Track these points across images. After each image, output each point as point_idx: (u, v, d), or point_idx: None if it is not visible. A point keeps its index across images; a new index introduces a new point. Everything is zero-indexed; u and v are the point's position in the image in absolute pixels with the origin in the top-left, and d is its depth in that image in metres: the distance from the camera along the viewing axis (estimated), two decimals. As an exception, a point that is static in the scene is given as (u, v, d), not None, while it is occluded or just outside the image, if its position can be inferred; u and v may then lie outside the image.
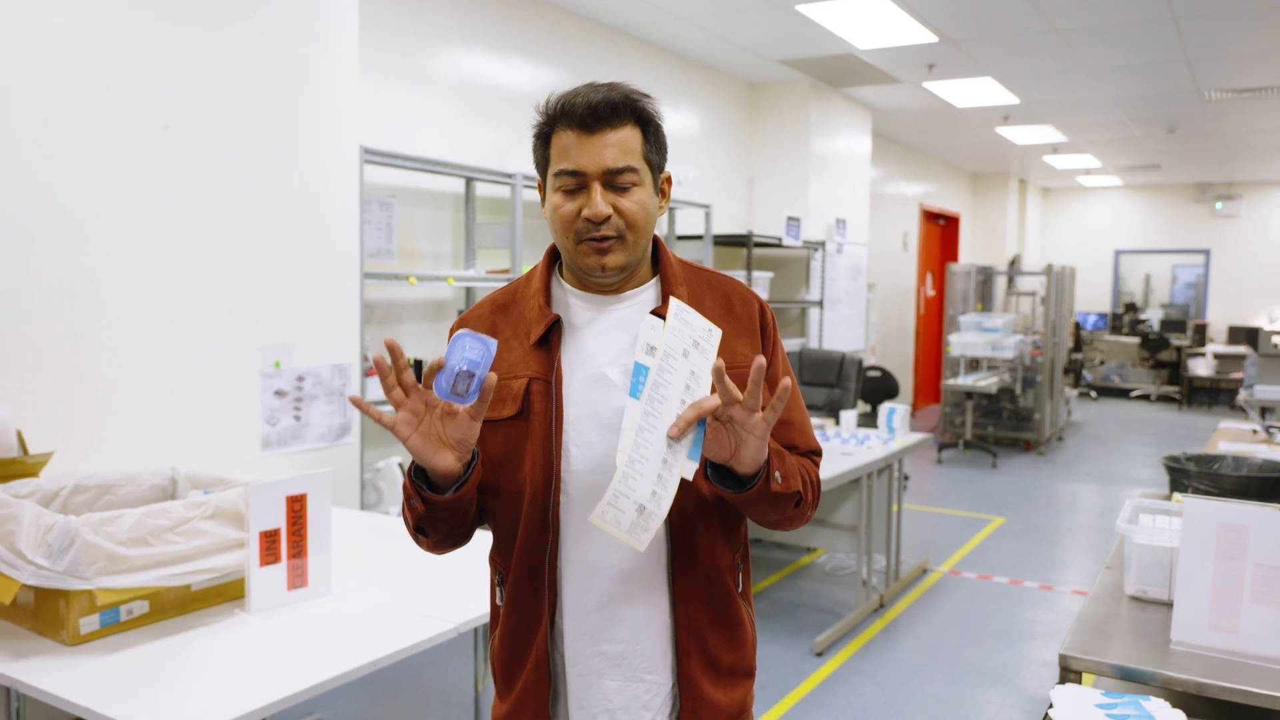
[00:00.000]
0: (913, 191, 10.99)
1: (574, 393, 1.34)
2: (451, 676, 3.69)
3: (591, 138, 1.28)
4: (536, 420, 1.33)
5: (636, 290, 1.39)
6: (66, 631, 1.95)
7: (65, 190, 2.61)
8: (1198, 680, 1.84)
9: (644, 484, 1.16)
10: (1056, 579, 5.21)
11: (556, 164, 1.31)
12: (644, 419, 1.17)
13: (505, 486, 1.36)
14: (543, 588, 1.35)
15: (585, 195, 1.29)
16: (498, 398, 1.34)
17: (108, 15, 2.67)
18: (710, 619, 1.37)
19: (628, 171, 1.29)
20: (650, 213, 1.33)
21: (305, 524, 2.22)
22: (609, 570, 1.33)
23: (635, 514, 1.16)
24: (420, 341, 4.60)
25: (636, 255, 1.34)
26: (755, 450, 1.21)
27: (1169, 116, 8.57)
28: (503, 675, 1.42)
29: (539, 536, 1.34)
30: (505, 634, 1.40)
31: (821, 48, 6.26)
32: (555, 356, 1.34)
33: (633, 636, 1.35)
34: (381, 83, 4.32)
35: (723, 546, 1.38)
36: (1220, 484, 3.06)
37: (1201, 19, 5.50)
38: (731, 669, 1.40)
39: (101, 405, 2.70)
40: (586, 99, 1.28)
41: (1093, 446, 9.43)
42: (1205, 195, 13.63)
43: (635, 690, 1.35)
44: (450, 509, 1.27)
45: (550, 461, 1.32)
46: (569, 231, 1.31)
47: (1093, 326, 13.98)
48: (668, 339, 1.19)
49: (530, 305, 1.39)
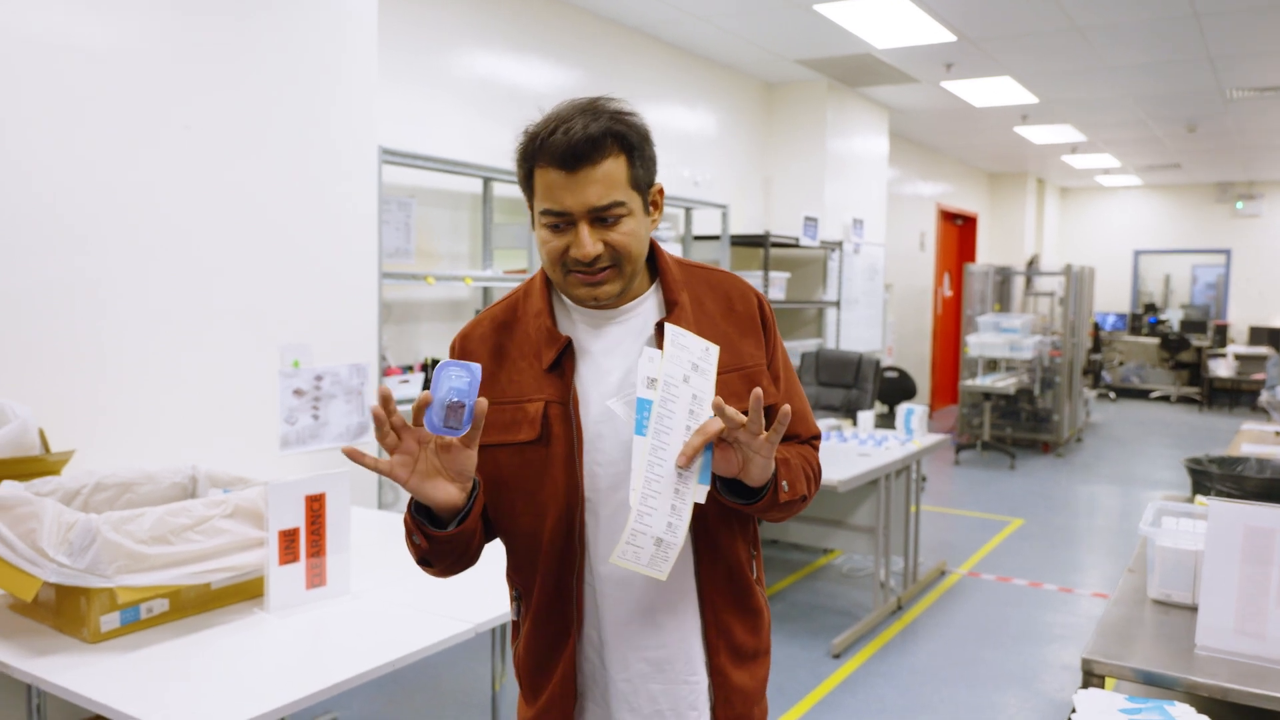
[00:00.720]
0: (930, 191, 10.94)
1: (591, 412, 1.33)
2: (469, 676, 3.69)
3: (574, 176, 1.25)
4: (557, 444, 1.32)
5: (638, 300, 1.38)
6: (87, 629, 1.96)
7: (85, 190, 2.62)
8: (1223, 685, 1.82)
9: (659, 518, 1.19)
10: (1076, 581, 5.17)
11: (541, 202, 1.29)
12: (652, 454, 1.19)
13: (523, 509, 1.36)
14: (570, 604, 1.36)
15: (572, 232, 1.27)
16: (512, 421, 1.34)
17: (132, 18, 2.68)
18: (734, 612, 1.41)
19: (614, 206, 1.27)
20: (641, 238, 1.32)
21: (324, 523, 2.22)
22: (641, 581, 1.35)
23: (654, 547, 1.20)
24: (437, 341, 4.61)
25: (631, 281, 1.34)
26: (762, 467, 1.24)
27: (1190, 115, 8.49)
28: (529, 683, 1.44)
29: (565, 556, 1.35)
30: (530, 647, 1.42)
31: (839, 47, 6.23)
32: (570, 379, 1.34)
33: (672, 641, 1.37)
34: (399, 82, 4.33)
35: (740, 542, 1.41)
36: (1243, 486, 3.02)
37: (1224, 16, 5.45)
38: (754, 652, 1.45)
39: (122, 404, 2.72)
40: (566, 138, 1.23)
41: (1112, 448, 9.36)
42: (1226, 195, 13.50)
43: (681, 692, 1.38)
44: (454, 542, 1.28)
45: (575, 483, 1.32)
46: (557, 264, 1.30)
47: (1112, 327, 13.87)
48: (667, 368, 1.19)
49: (535, 325, 1.37)
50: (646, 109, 5.53)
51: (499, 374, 1.37)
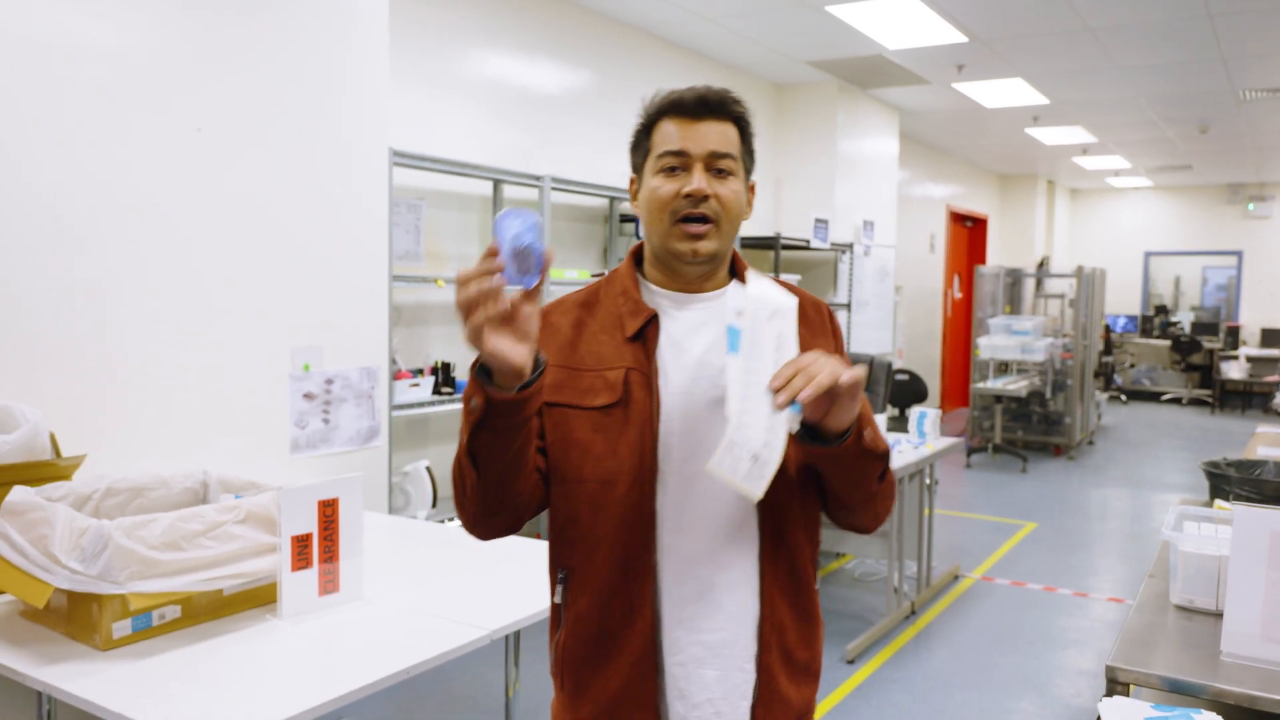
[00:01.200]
0: (940, 193, 10.90)
1: (670, 384, 1.36)
2: (480, 682, 3.67)
3: (697, 124, 1.35)
4: (636, 409, 1.34)
5: (719, 291, 1.43)
6: (99, 636, 1.95)
7: (94, 193, 2.61)
8: (1250, 693, 1.79)
9: (756, 432, 1.21)
10: (1090, 586, 5.13)
11: (660, 147, 1.36)
12: (745, 374, 1.22)
13: (590, 474, 1.34)
14: (639, 578, 1.34)
15: (685, 176, 1.34)
16: (590, 387, 1.36)
17: (143, 19, 2.67)
18: (791, 611, 1.39)
19: (728, 158, 1.35)
20: (743, 205, 1.38)
21: (337, 529, 2.21)
22: (706, 559, 1.34)
23: (750, 463, 1.21)
24: (447, 344, 4.60)
25: (725, 246, 1.38)
26: (847, 410, 1.23)
27: (1202, 116, 8.44)
28: (574, 674, 1.39)
29: (635, 526, 1.33)
30: (584, 630, 1.37)
31: (850, 49, 6.21)
32: (652, 348, 1.37)
33: (731, 625, 1.35)
34: (409, 84, 4.32)
35: (805, 538, 1.40)
36: (1262, 490, 2.99)
37: (1238, 16, 5.41)
38: (805, 667, 1.42)
39: (132, 407, 2.71)
40: (696, 92, 1.37)
41: (1124, 451, 9.31)
42: (1237, 196, 13.43)
43: (735, 680, 1.36)
44: (511, 417, 1.22)
45: (651, 450, 1.33)
46: (665, 211, 1.35)
47: (1122, 329, 13.81)
48: (752, 306, 1.24)
49: (619, 301, 1.41)
50: (658, 111, 5.38)
51: (579, 344, 1.39)
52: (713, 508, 1.34)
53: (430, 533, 2.98)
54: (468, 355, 4.71)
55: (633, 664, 1.34)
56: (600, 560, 1.35)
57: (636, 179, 1.43)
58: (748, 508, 1.35)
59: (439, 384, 4.14)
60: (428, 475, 3.96)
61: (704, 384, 1.35)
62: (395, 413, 3.80)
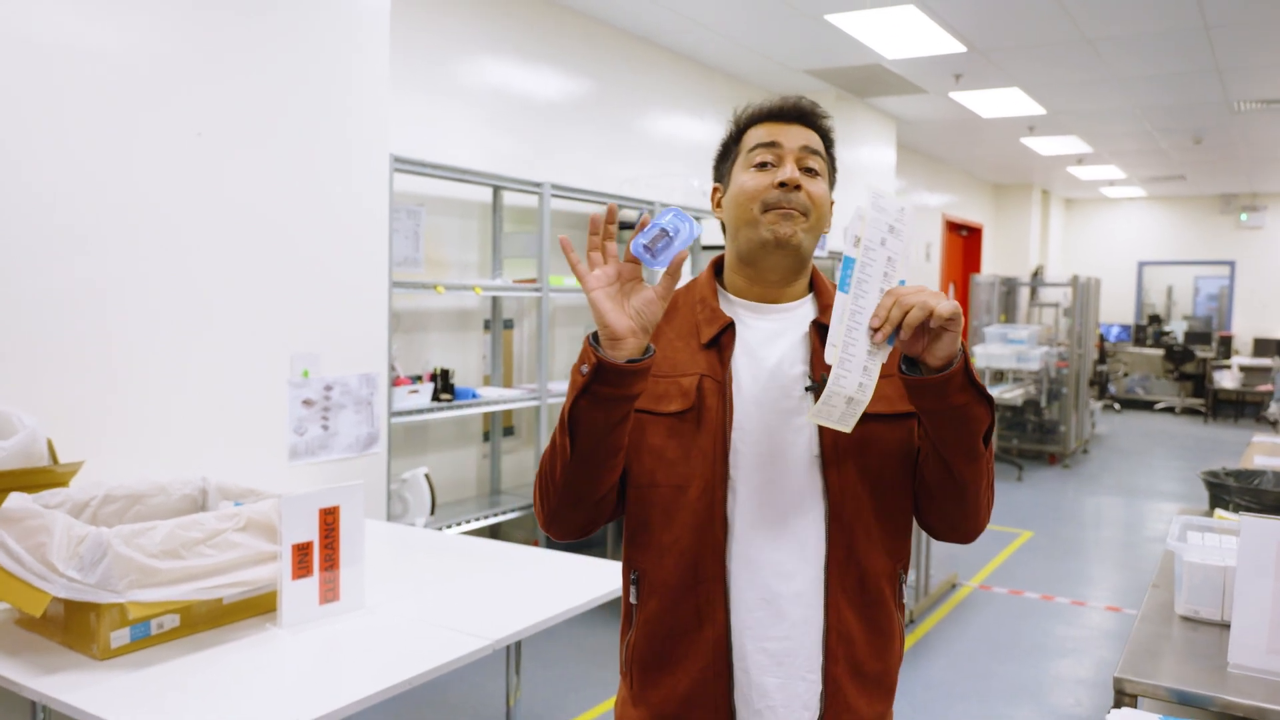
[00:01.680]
0: (935, 202, 10.92)
1: (743, 392, 1.37)
2: (479, 692, 3.65)
3: (790, 126, 1.40)
4: (709, 416, 1.35)
5: (797, 302, 1.44)
6: (97, 645, 1.92)
7: (93, 197, 2.59)
8: (1259, 705, 1.78)
9: (852, 378, 1.23)
10: (1087, 595, 5.13)
11: (752, 143, 1.40)
12: (851, 317, 1.22)
13: (663, 479, 1.36)
14: (709, 583, 1.34)
15: (777, 170, 1.37)
16: (664, 393, 1.37)
17: (144, 24, 2.66)
18: (861, 623, 1.37)
19: (818, 157, 1.39)
20: (829, 208, 1.41)
21: (338, 537, 2.19)
22: (773, 566, 1.35)
23: (844, 405, 1.24)
24: (446, 351, 4.58)
25: (811, 245, 1.39)
26: (947, 344, 1.21)
27: (1196, 127, 8.48)
28: (643, 673, 1.40)
29: (706, 532, 1.34)
30: (654, 631, 1.38)
31: (848, 58, 6.22)
32: (727, 356, 1.38)
33: (795, 634, 1.35)
34: (409, 90, 4.31)
35: (880, 551, 1.38)
36: (1262, 499, 2.99)
37: (1234, 28, 5.43)
38: (877, 679, 1.40)
39: (130, 414, 2.68)
40: (787, 100, 1.41)
41: (1118, 460, 9.32)
42: (1230, 206, 13.49)
43: (797, 689, 1.35)
44: (616, 386, 1.22)
45: (723, 456, 1.34)
46: (755, 201, 1.37)
47: (1116, 338, 13.85)
48: (868, 230, 1.23)
49: (697, 309, 1.43)
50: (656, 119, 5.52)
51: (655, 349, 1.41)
52: (779, 516, 1.35)
53: (429, 540, 2.96)
54: (466, 364, 4.69)
55: (703, 667, 1.35)
56: (670, 564, 1.36)
57: (720, 187, 1.47)
58: (815, 518, 1.35)
59: (438, 391, 4.12)
60: (426, 482, 3.94)
61: (776, 393, 1.36)
62: (394, 419, 3.78)
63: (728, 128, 1.47)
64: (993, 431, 1.32)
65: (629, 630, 1.43)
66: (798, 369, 1.37)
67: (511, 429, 5.01)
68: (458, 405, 4.13)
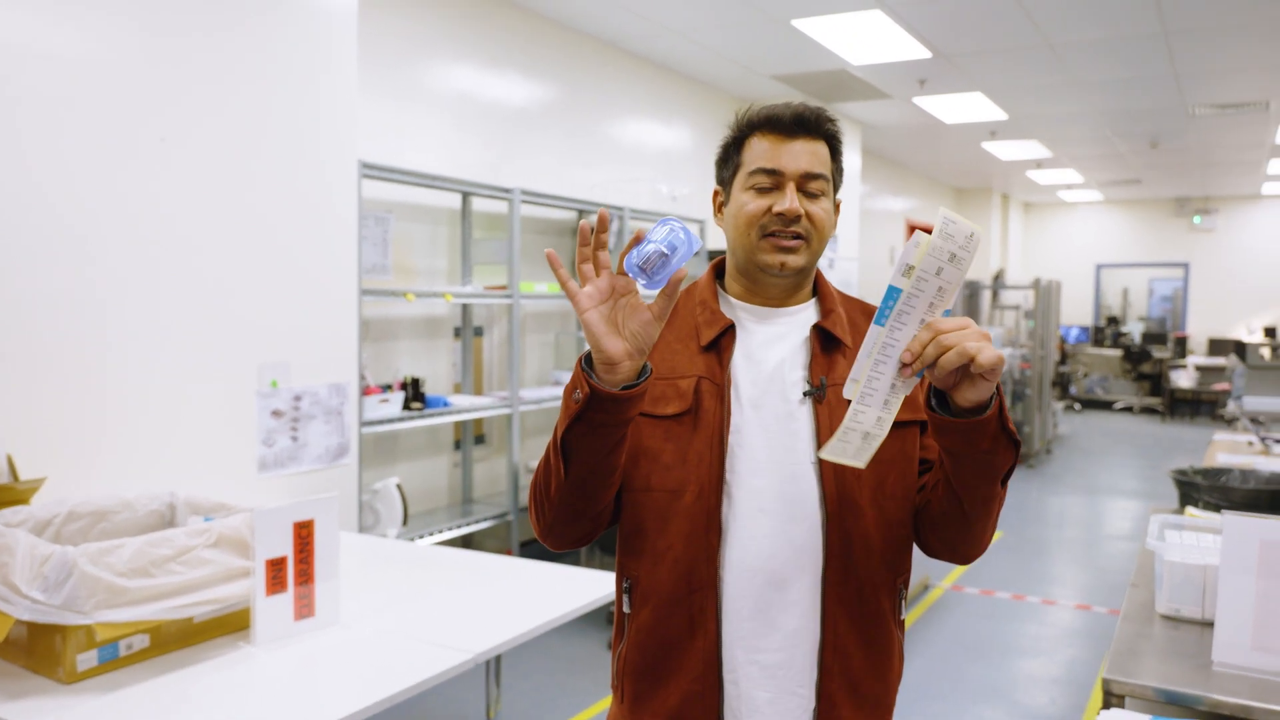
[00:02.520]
0: (899, 206, 11.02)
1: (742, 396, 1.34)
2: (457, 703, 3.59)
3: (791, 142, 1.34)
4: (706, 419, 1.32)
5: (799, 306, 1.41)
6: (63, 669, 1.86)
7: (55, 205, 2.51)
8: (1245, 703, 1.78)
9: (871, 412, 1.17)
10: (1057, 594, 5.17)
11: (752, 164, 1.35)
12: (882, 350, 1.15)
13: (657, 483, 1.32)
14: (702, 590, 1.31)
15: (777, 195, 1.33)
16: (662, 395, 1.34)
17: (106, 29, 2.58)
18: (858, 639, 1.33)
19: (820, 179, 1.34)
20: (831, 225, 1.38)
21: (313, 551, 2.13)
22: (767, 575, 1.31)
23: (860, 440, 1.18)
24: (416, 359, 4.52)
25: (813, 263, 1.37)
26: (980, 388, 1.14)
27: (1153, 131, 8.63)
28: (634, 685, 1.36)
29: (700, 538, 1.31)
30: (646, 641, 1.34)
31: (815, 63, 6.24)
32: (726, 359, 1.35)
33: (788, 646, 1.31)
34: (376, 97, 4.25)
35: (879, 563, 1.34)
36: (1230, 497, 3.02)
37: (1191, 34, 5.53)
38: (876, 700, 1.36)
39: (94, 427, 2.60)
40: (791, 109, 1.35)
41: (1080, 459, 9.44)
42: (1184, 209, 13.76)
43: (788, 704, 1.31)
44: (611, 413, 1.18)
45: (719, 460, 1.31)
46: (754, 226, 1.34)
47: (1075, 339, 14.05)
48: (927, 259, 1.13)
49: (697, 311, 1.40)
50: (624, 125, 5.49)
51: (653, 351, 1.37)
52: (775, 524, 1.31)
53: (402, 551, 2.91)
54: (437, 372, 4.63)
55: (694, 679, 1.31)
56: (663, 571, 1.32)
57: (722, 191, 1.42)
58: (814, 527, 1.31)
59: (408, 399, 4.06)
60: (398, 493, 3.87)
61: (774, 397, 1.33)
62: (364, 429, 3.71)
63: (729, 130, 1.41)
64: (1013, 472, 1.25)
65: (620, 641, 1.39)
66: (797, 373, 1.34)
67: (483, 437, 4.95)
68: (429, 414, 4.07)
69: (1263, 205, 13.33)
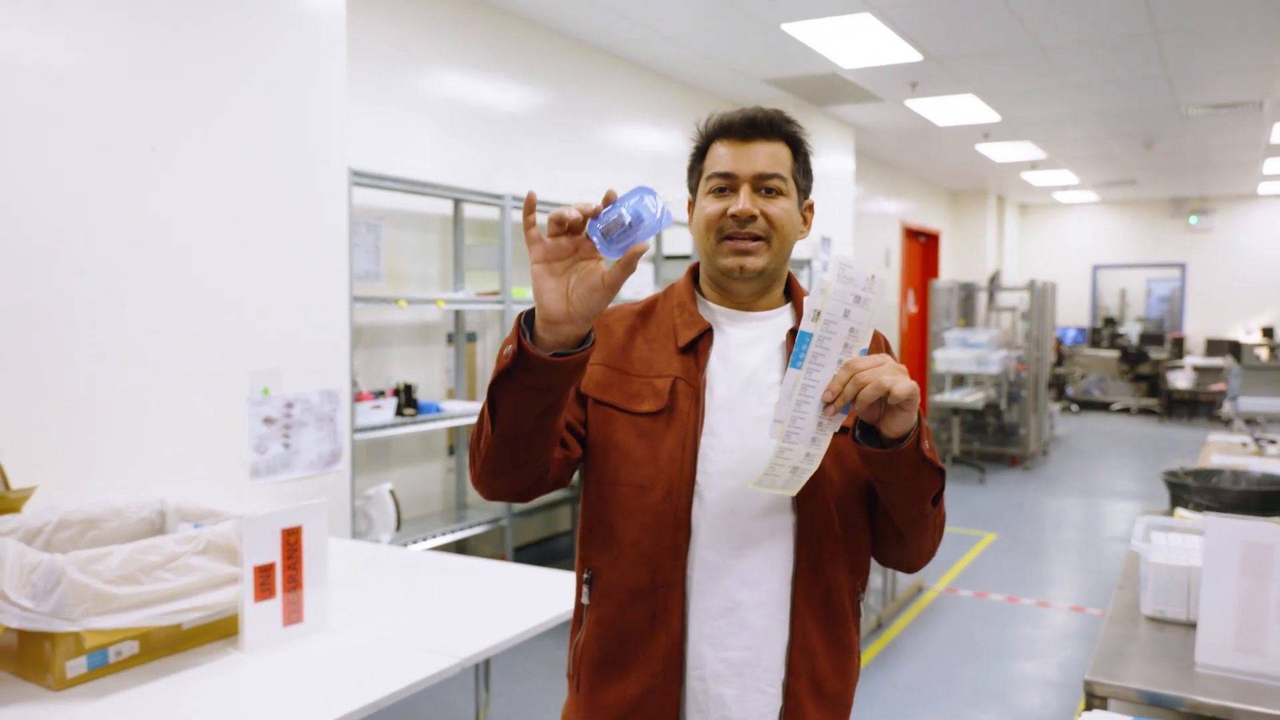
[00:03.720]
0: (894, 209, 11.03)
1: (716, 398, 1.36)
2: (448, 707, 3.60)
3: (746, 146, 1.37)
4: (679, 419, 1.34)
5: (774, 311, 1.44)
6: (52, 676, 1.87)
7: (44, 212, 2.53)
8: (1227, 704, 1.80)
9: (799, 449, 1.22)
10: (1052, 596, 5.18)
11: (710, 169, 1.39)
12: (803, 391, 1.20)
13: (625, 479, 1.34)
14: (666, 588, 1.33)
15: (733, 197, 1.36)
16: (637, 392, 1.36)
17: (94, 37, 2.60)
18: (824, 639, 1.36)
19: (775, 178, 1.36)
20: (794, 223, 1.39)
21: (301, 557, 2.14)
22: (737, 575, 1.33)
23: (789, 474, 1.24)
24: (408, 365, 4.53)
25: (776, 263, 1.38)
26: (901, 420, 1.21)
27: (1147, 132, 8.65)
28: (590, 677, 1.37)
29: (669, 535, 1.32)
30: (605, 634, 1.36)
31: (806, 67, 6.26)
32: (703, 361, 1.38)
33: (755, 645, 1.33)
34: (367, 103, 4.27)
35: (844, 567, 1.37)
36: (1221, 498, 3.03)
37: (1182, 34, 5.54)
38: (836, 698, 1.39)
39: (84, 436, 2.61)
40: (745, 115, 1.38)
41: (1077, 461, 9.45)
42: (1180, 210, 13.78)
43: (755, 702, 1.33)
44: (540, 376, 1.16)
45: (691, 460, 1.33)
46: (712, 229, 1.37)
47: (1072, 341, 14.07)
48: (830, 304, 1.19)
49: (675, 313, 1.42)
50: (616, 129, 5.49)
51: (631, 349, 1.40)
52: (747, 525, 1.33)
53: (395, 557, 2.92)
54: (429, 378, 4.65)
55: (654, 674, 1.33)
56: (625, 565, 1.34)
57: (693, 201, 1.45)
58: (783, 529, 1.34)
59: (401, 406, 4.07)
60: (391, 499, 3.88)
61: (750, 400, 1.35)
62: (357, 435, 3.72)
63: (693, 140, 1.45)
64: (942, 494, 1.33)
65: (578, 631, 1.41)
66: (773, 377, 1.37)
67: (476, 442, 4.96)
68: (421, 420, 4.08)
69: (1259, 205, 13.35)
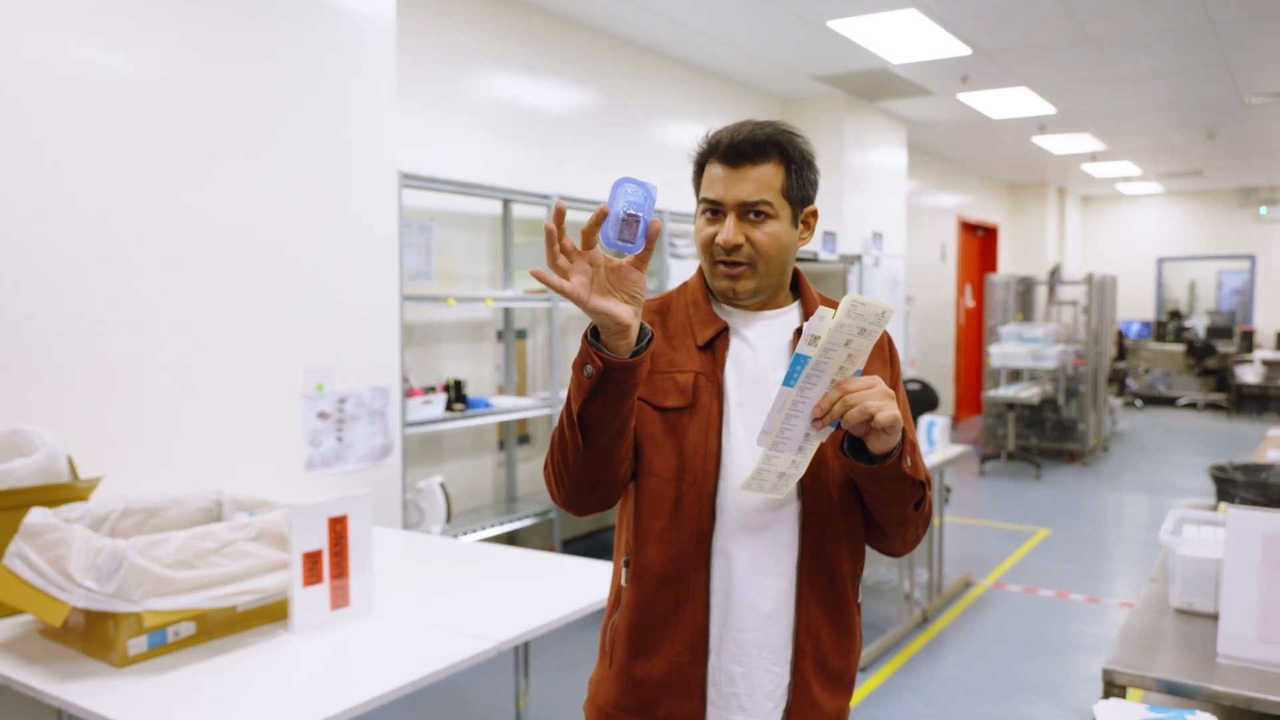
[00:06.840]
0: (949, 203, 10.91)
1: (733, 392, 1.43)
2: (496, 694, 3.71)
3: (734, 171, 1.39)
4: (702, 411, 1.42)
5: (781, 310, 1.50)
6: (115, 653, 2.00)
7: (110, 217, 2.68)
8: (1246, 695, 1.81)
9: (785, 457, 1.30)
10: (1103, 591, 5.12)
11: (703, 192, 1.44)
12: (793, 407, 1.27)
13: (657, 469, 1.42)
14: (691, 571, 1.41)
15: (722, 222, 1.41)
16: (661, 388, 1.43)
17: (151, 49, 2.75)
18: (828, 623, 1.45)
19: (762, 204, 1.39)
20: (783, 244, 1.42)
21: (346, 545, 2.25)
22: (748, 562, 1.41)
23: (776, 479, 1.32)
24: (459, 361, 4.65)
25: (767, 283, 1.45)
26: (883, 440, 1.29)
27: (1209, 122, 8.44)
28: (623, 653, 1.46)
29: (693, 524, 1.41)
30: (636, 616, 1.45)
31: (854, 63, 6.25)
32: (721, 358, 1.44)
33: (764, 626, 1.42)
34: (416, 106, 4.39)
35: (846, 553, 1.46)
36: (1268, 493, 3.00)
37: (1239, 24, 5.42)
38: (839, 675, 1.48)
39: (148, 430, 2.77)
40: (732, 136, 1.39)
41: (1138, 456, 9.27)
42: (1249, 200, 13.37)
43: (761, 680, 1.42)
44: (624, 381, 1.26)
45: (715, 452, 1.40)
46: (706, 252, 1.44)
47: (1136, 335, 13.75)
48: (833, 335, 1.23)
49: (692, 311, 1.49)
50: (664, 128, 5.55)
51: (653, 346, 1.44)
52: (757, 516, 1.41)
53: (444, 547, 3.03)
54: (480, 374, 4.77)
55: (680, 652, 1.42)
56: (654, 552, 1.43)
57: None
58: (791, 519, 1.42)
59: (451, 401, 4.19)
60: (441, 491, 4.01)
61: (759, 398, 1.42)
62: (408, 430, 3.85)
63: (695, 153, 1.48)
64: (925, 501, 1.41)
65: (615, 611, 1.50)
66: (780, 374, 1.43)
67: (527, 437, 5.08)
68: (470, 415, 4.20)
69: (1333, 194, 12.91)
